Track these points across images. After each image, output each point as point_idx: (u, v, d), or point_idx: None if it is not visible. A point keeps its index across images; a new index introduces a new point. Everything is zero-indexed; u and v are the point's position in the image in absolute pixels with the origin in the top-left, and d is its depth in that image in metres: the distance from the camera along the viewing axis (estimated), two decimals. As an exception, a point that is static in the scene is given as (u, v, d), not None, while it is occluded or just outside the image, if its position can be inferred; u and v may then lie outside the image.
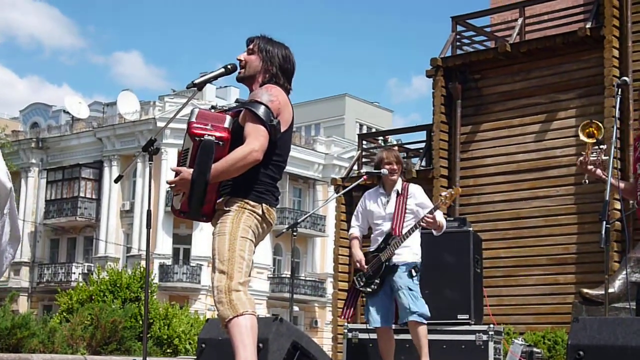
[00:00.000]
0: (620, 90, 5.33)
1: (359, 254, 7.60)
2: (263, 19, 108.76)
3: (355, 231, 7.82)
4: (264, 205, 4.96)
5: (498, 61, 17.69)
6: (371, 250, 7.64)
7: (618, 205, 12.97)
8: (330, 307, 26.80)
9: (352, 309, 7.80)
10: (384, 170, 7.54)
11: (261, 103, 4.87)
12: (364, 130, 52.74)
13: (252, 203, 4.93)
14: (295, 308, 45.87)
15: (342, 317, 7.90)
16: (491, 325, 8.79)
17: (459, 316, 8.94)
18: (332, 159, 50.45)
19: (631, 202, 5.80)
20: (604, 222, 5.02)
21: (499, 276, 16.66)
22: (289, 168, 45.80)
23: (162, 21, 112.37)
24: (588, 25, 16.42)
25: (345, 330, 9.43)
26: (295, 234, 8.88)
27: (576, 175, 16.28)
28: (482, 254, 9.67)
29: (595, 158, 5.43)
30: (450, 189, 7.31)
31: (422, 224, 7.32)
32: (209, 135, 4.79)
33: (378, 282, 7.45)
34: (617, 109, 5.31)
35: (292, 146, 5.15)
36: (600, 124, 5.36)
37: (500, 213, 17.17)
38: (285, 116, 4.99)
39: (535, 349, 9.51)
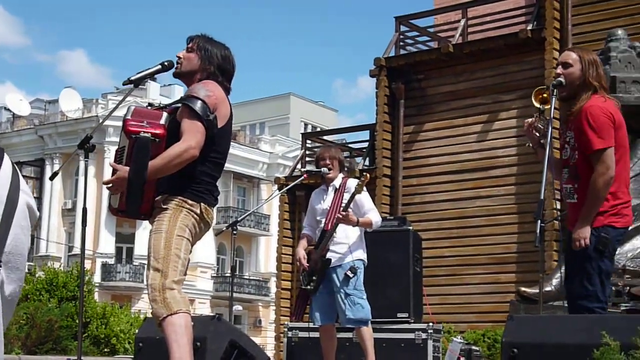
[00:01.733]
0: (555, 91, 5.36)
1: (300, 252, 7.55)
2: (208, 18, 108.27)
3: (304, 230, 7.81)
4: (202, 204, 4.92)
5: (441, 62, 17.78)
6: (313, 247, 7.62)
7: (557, 205, 13.12)
8: (274, 307, 26.75)
9: (300, 308, 7.73)
10: (324, 170, 7.53)
11: (198, 98, 4.83)
12: (309, 130, 52.74)
13: (190, 202, 4.88)
14: (239, 307, 45.76)
15: (292, 316, 7.83)
16: (430, 324, 8.83)
17: (399, 315, 8.97)
18: (276, 158, 50.39)
19: None
20: (539, 221, 5.05)
21: (442, 275, 16.75)
22: (233, 167, 45.67)
23: (108, 20, 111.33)
24: (529, 27, 16.60)
25: (286, 329, 9.40)
26: (235, 232, 8.83)
27: (517, 175, 16.46)
28: (422, 252, 9.71)
29: (542, 127, 5.44)
30: (360, 178, 7.25)
31: (340, 220, 7.25)
32: (144, 132, 4.74)
33: (316, 279, 7.39)
34: (553, 109, 5.31)
35: (237, 145, 5.12)
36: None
37: (443, 212, 17.25)
38: (222, 111, 4.95)
39: (473, 347, 9.57)
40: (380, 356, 7.55)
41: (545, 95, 5.40)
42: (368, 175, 7.35)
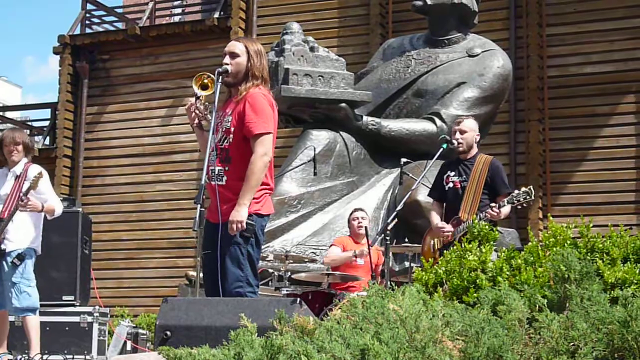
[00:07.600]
0: (220, 78, 5.45)
1: None
2: None
3: None
4: None
5: (127, 43, 17.67)
6: None
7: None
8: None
9: None
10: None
11: None
12: (-8, 105, 50.25)
13: None
14: None
15: None
16: (97, 307, 8.75)
17: (65, 297, 8.81)
18: (-47, 133, 47.82)
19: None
20: (199, 206, 5.08)
21: (121, 258, 16.73)
22: None
23: None
24: (216, 15, 16.85)
25: None
26: None
27: (199, 160, 16.64)
28: (92, 235, 9.58)
29: (202, 109, 5.45)
30: (38, 173, 7.12)
31: (20, 208, 7.07)
32: None
33: None
34: (217, 95, 5.38)
35: None
36: (214, 78, 5.40)
37: (123, 195, 17.18)
38: None
39: (140, 331, 9.61)
40: (45, 340, 7.41)
41: (206, 81, 5.45)
42: (43, 173, 7.16)
